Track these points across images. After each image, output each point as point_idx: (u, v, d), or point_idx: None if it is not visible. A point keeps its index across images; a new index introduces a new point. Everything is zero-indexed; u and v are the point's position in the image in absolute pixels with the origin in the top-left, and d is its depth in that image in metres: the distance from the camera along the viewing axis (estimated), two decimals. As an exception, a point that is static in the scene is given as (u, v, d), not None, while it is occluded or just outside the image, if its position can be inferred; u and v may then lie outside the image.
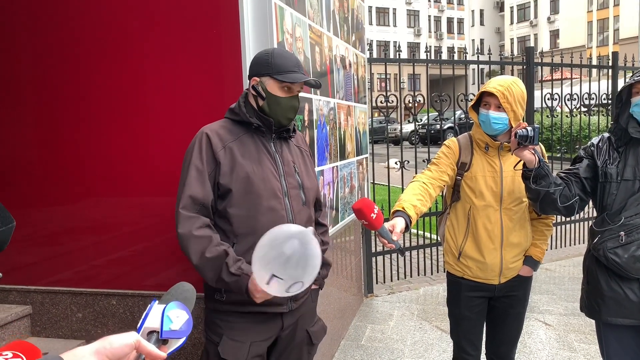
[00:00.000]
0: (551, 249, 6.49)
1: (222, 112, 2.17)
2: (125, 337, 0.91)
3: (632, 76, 2.26)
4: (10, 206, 2.92)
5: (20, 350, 1.11)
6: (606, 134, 2.35)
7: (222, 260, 1.88)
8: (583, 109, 7.02)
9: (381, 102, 5.44)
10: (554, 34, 48.30)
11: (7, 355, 1.10)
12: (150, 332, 1.00)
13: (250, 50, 2.53)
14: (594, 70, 7.19)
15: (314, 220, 2.22)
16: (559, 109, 6.83)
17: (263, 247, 1.50)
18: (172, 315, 1.01)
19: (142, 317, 1.01)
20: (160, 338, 1.00)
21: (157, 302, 1.04)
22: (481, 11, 56.90)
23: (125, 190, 2.78)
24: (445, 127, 15.11)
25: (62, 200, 2.88)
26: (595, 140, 2.36)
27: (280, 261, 1.47)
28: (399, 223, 2.07)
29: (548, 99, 6.51)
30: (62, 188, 2.86)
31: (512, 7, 53.49)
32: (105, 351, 0.88)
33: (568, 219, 6.64)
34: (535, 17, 50.80)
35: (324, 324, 2.30)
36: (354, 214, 2.93)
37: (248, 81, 2.07)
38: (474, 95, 2.61)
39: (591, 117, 7.03)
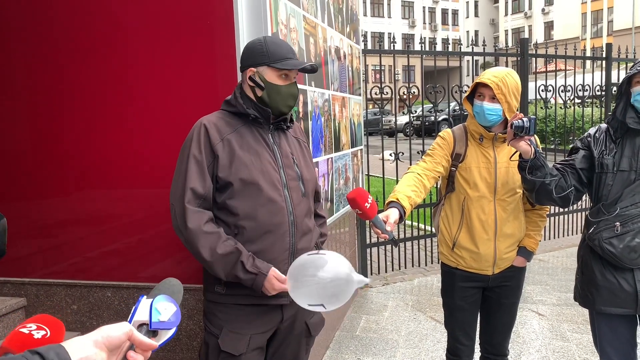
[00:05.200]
0: (544, 240, 6.53)
1: (216, 104, 2.15)
2: (120, 327, 0.94)
3: (632, 67, 2.25)
4: (5, 199, 2.93)
5: (43, 322, 1.13)
6: (604, 125, 2.36)
7: (235, 257, 1.88)
8: (577, 101, 7.04)
9: (376, 93, 5.43)
10: (548, 26, 48.29)
11: (31, 327, 1.12)
12: (140, 325, 1.03)
13: (244, 42, 2.51)
14: (588, 62, 7.20)
15: (313, 211, 2.21)
16: (553, 101, 6.85)
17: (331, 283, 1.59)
18: (160, 307, 1.04)
19: (132, 312, 1.04)
20: (150, 329, 1.02)
21: (145, 297, 1.07)
22: (475, 2, 56.79)
23: (119, 183, 2.77)
24: (440, 118, 15.14)
25: (56, 193, 2.86)
26: (592, 130, 2.37)
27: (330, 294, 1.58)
28: (392, 214, 2.08)
29: (542, 91, 6.52)
30: (56, 180, 2.85)
31: (506, -1, 53.45)
32: (103, 340, 0.91)
33: (561, 210, 6.68)
34: (530, 8, 50.75)
35: (322, 316, 2.30)
36: (348, 206, 2.93)
37: (240, 72, 2.06)
38: (469, 87, 2.61)
39: (585, 108, 7.04)
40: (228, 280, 1.95)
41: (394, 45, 5.43)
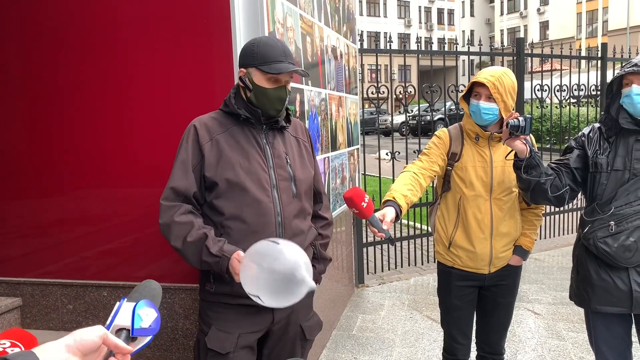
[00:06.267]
0: (540, 239, 6.55)
1: (213, 104, 2.15)
2: (93, 330, 0.92)
3: (623, 67, 2.27)
4: (1, 198, 2.91)
5: (16, 338, 1.11)
6: (597, 124, 2.37)
7: (202, 243, 1.90)
8: (572, 100, 7.06)
9: (372, 93, 5.44)
10: (544, 25, 48.39)
11: (4, 344, 1.10)
12: (120, 330, 1.01)
13: (241, 41, 2.51)
14: (583, 62, 7.23)
15: (310, 212, 2.19)
16: (548, 100, 6.87)
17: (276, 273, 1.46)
18: (142, 313, 1.02)
19: (112, 314, 1.02)
20: (131, 336, 1.01)
21: (125, 300, 1.05)
22: (471, 2, 56.90)
23: (115, 182, 2.77)
24: (436, 118, 15.16)
25: (52, 192, 2.85)
26: (586, 130, 2.38)
27: (273, 289, 1.46)
28: (389, 212, 2.08)
29: (538, 90, 6.54)
30: (52, 180, 2.84)
31: (502, -2, 53.56)
32: (76, 344, 0.89)
33: (557, 209, 6.70)
34: (525, 8, 50.86)
35: (319, 320, 2.29)
36: (345, 205, 2.93)
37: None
38: (465, 86, 2.61)
39: (580, 108, 7.06)
40: (204, 269, 1.97)
41: (390, 45, 5.43)
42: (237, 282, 1.90)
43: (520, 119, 2.15)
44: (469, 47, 6.05)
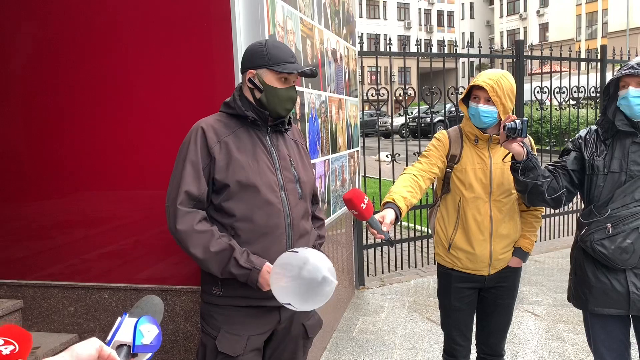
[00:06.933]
0: (540, 240, 6.55)
1: (214, 106, 2.16)
2: (89, 343, 0.92)
3: (619, 69, 2.28)
4: (1, 200, 2.92)
5: (10, 336, 1.10)
6: (594, 127, 2.38)
7: (229, 254, 1.90)
8: (572, 102, 7.08)
9: (372, 95, 5.45)
10: (544, 27, 48.44)
11: None
12: (121, 345, 1.01)
13: (241, 44, 2.52)
14: (583, 64, 7.24)
15: (310, 213, 2.22)
16: (548, 102, 6.88)
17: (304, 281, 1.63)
18: (144, 329, 1.02)
19: (113, 330, 1.02)
20: (132, 352, 1.01)
21: (127, 315, 1.05)
22: (471, 4, 56.97)
23: (116, 184, 2.78)
24: (436, 120, 15.19)
25: (53, 194, 2.86)
26: (582, 132, 2.39)
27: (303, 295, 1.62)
28: (388, 214, 2.09)
29: (537, 92, 6.55)
30: (53, 182, 2.85)
31: (501, 0, 53.57)
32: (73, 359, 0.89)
33: (556, 211, 6.71)
34: (525, 10, 50.92)
35: (319, 318, 2.30)
36: (345, 207, 2.94)
37: (241, 74, 2.07)
38: (464, 89, 2.63)
39: (580, 110, 7.08)
40: (224, 277, 1.96)
41: (390, 47, 5.44)
42: (245, 284, 1.94)
43: (517, 121, 2.17)
44: (468, 49, 6.07)
